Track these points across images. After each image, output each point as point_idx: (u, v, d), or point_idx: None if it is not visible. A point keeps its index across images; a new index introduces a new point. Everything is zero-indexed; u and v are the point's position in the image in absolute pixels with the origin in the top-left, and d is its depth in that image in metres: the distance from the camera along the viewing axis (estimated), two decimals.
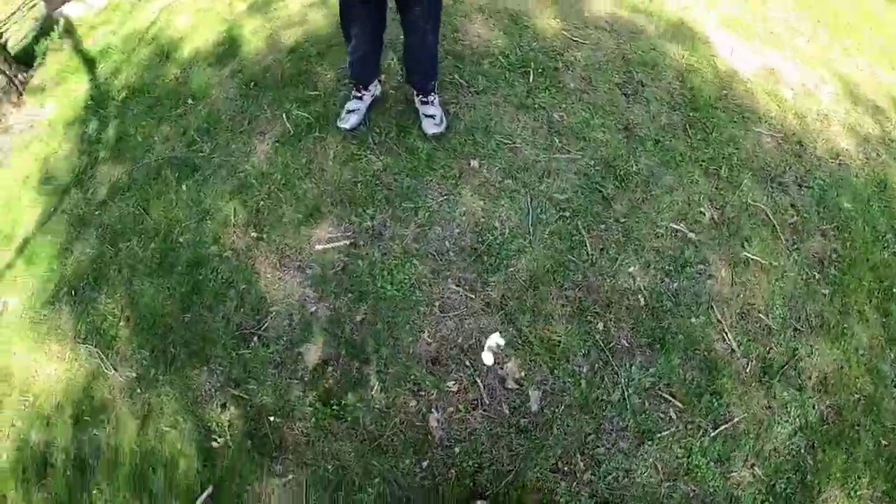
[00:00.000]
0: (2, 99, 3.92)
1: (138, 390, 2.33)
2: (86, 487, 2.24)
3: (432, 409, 2.12)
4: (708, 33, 3.33)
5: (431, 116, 2.63)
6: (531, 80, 2.92)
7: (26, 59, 4.25)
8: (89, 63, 3.85)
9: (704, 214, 2.53)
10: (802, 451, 2.17)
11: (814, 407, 2.24)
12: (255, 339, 2.29)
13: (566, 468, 2.07)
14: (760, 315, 2.36)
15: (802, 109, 3.04)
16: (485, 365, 2.16)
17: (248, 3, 3.67)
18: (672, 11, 3.43)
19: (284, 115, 2.85)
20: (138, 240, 2.70)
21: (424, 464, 2.08)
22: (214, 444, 2.20)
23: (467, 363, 2.18)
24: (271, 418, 2.17)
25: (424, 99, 2.63)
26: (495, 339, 2.17)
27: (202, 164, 2.82)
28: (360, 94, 2.69)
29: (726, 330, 2.31)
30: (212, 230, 2.57)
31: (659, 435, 2.11)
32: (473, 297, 2.27)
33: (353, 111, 2.69)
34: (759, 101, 3.01)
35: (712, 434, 2.14)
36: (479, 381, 2.16)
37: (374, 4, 2.22)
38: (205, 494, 2.13)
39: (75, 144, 3.35)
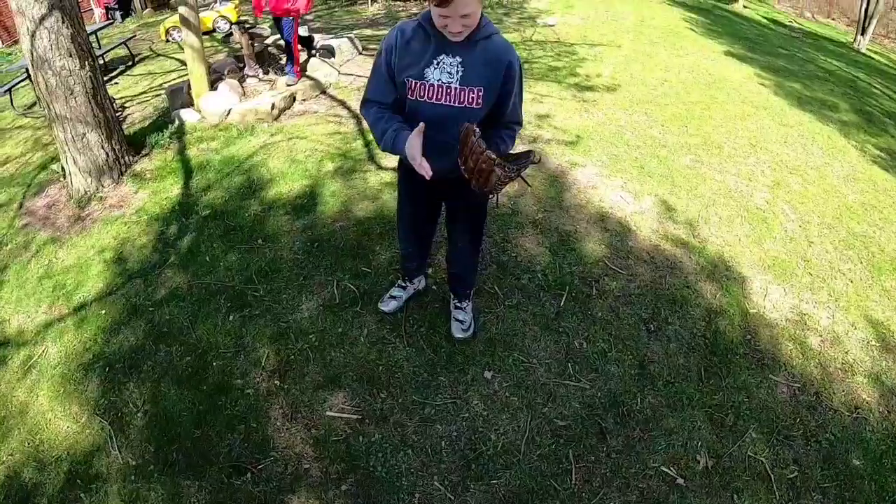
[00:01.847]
0: (105, 171, 4.52)
1: (133, 478, 2.56)
2: None
3: None
4: (745, 273, 3.52)
5: (461, 321, 2.97)
6: (562, 303, 3.19)
7: (136, 143, 4.90)
8: (188, 171, 4.44)
9: (699, 462, 2.55)
10: None
11: None
12: (249, 474, 2.53)
13: None
14: None
15: (826, 358, 3.07)
16: None
17: (336, 166, 4.26)
18: (714, 247, 3.69)
19: (336, 283, 3.30)
20: (178, 348, 3.07)
21: None
22: None
23: None
24: None
25: (458, 304, 2.98)
26: None
27: (252, 303, 3.24)
28: (404, 285, 3.10)
29: None
30: (242, 365, 2.94)
31: None
32: (453, 499, 2.45)
33: (394, 297, 3.10)
34: (781, 349, 3.06)
35: None
36: None
37: (426, 215, 2.64)
38: None
39: (152, 240, 3.84)
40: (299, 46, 5.93)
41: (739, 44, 10.09)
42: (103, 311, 3.36)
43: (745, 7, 15.80)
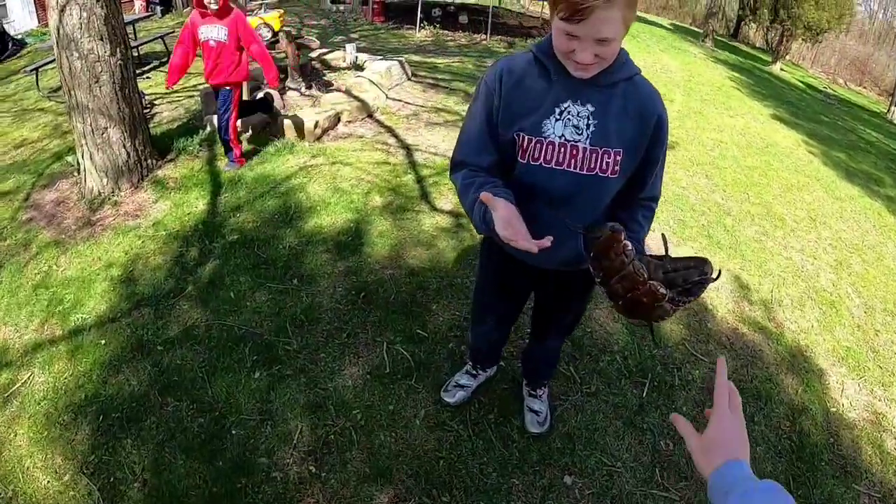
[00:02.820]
0: (123, 173, 4.06)
1: None
2: None
3: None
4: (822, 365, 3.31)
5: (536, 412, 2.49)
6: (645, 393, 2.81)
7: (162, 146, 4.45)
8: (216, 185, 3.99)
9: None
10: None
11: None
12: None
13: None
14: None
15: None
16: None
17: (385, 201, 3.80)
18: (791, 334, 3.46)
19: (385, 346, 2.80)
20: (189, 405, 2.56)
21: None
22: None
23: None
24: None
25: (533, 392, 2.51)
26: None
27: (284, 359, 2.74)
28: (475, 373, 2.57)
29: None
30: (269, 439, 2.42)
31: None
32: None
33: (462, 387, 2.56)
34: (861, 454, 2.85)
35: None
36: None
37: (516, 300, 2.09)
38: None
39: (168, 262, 3.37)
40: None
41: (784, 107, 10.10)
42: (103, 341, 2.89)
43: (782, 70, 15.68)
